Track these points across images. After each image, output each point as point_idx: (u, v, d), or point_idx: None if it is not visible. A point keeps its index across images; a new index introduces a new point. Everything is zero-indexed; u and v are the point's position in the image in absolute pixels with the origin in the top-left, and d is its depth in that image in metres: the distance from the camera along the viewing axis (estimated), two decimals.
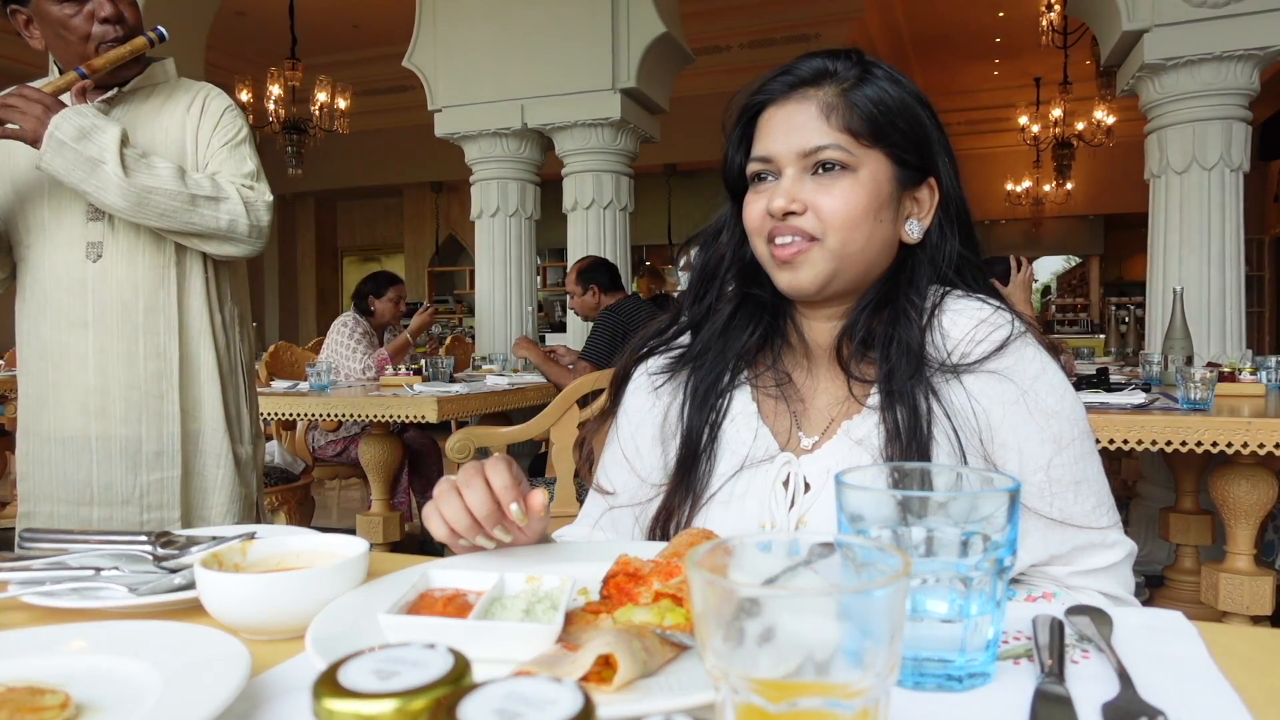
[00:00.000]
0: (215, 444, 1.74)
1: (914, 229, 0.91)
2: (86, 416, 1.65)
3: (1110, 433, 2.13)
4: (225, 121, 1.75)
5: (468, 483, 0.75)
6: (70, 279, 1.63)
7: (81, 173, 1.51)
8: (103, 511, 1.65)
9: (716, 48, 8.00)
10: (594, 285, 3.90)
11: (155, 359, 1.67)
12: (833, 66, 0.89)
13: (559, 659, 0.55)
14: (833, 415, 0.91)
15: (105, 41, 1.61)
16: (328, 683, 0.36)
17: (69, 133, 1.49)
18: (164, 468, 1.68)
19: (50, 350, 1.65)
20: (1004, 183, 11.21)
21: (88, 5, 1.59)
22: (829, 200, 0.87)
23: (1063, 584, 0.86)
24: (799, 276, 0.89)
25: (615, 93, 4.44)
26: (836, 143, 0.87)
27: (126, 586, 0.76)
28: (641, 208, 5.46)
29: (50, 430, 1.66)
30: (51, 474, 1.66)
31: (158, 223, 1.59)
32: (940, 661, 0.56)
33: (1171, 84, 3.41)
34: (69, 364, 1.64)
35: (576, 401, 2.35)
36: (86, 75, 1.57)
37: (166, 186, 1.56)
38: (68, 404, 1.65)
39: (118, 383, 1.65)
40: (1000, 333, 0.86)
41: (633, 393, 1.02)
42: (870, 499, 0.57)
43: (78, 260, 1.63)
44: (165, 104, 1.73)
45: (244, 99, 7.68)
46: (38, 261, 1.65)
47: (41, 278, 1.65)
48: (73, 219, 1.64)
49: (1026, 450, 0.84)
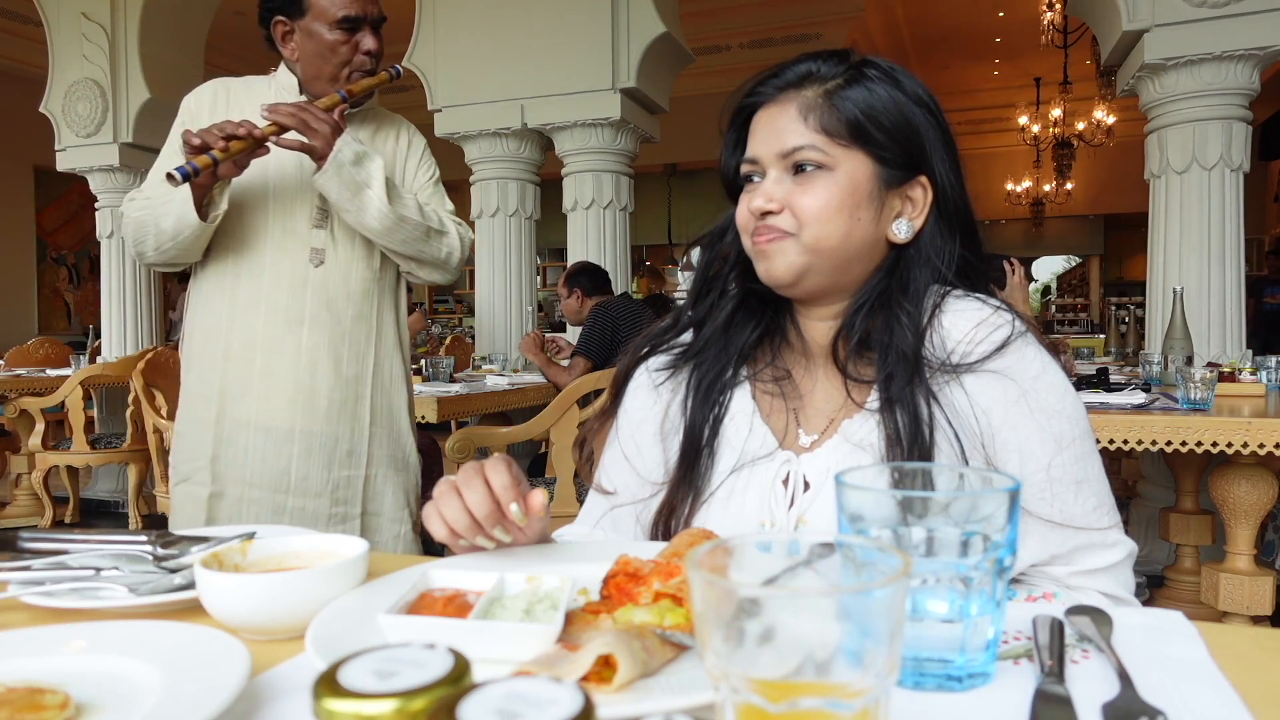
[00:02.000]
0: (394, 448, 1.88)
1: (903, 228, 0.91)
2: (294, 410, 1.75)
3: (1110, 433, 2.13)
4: (426, 159, 1.95)
5: (467, 483, 0.75)
6: (292, 279, 1.75)
7: (349, 194, 1.66)
8: (296, 501, 1.76)
9: (716, 48, 8.00)
10: (578, 289, 3.95)
11: (356, 363, 1.81)
12: (817, 68, 0.90)
13: (559, 659, 0.55)
14: (831, 415, 0.91)
15: (360, 70, 1.76)
16: (328, 683, 0.36)
17: (348, 156, 1.64)
18: (353, 466, 1.81)
19: (261, 342, 1.74)
20: (1004, 183, 11.21)
21: (356, 36, 1.74)
22: (804, 198, 0.88)
23: (1063, 584, 0.86)
24: (773, 265, 0.90)
25: (615, 92, 4.44)
26: (812, 143, 0.88)
27: (126, 586, 0.76)
28: (641, 208, 5.45)
29: (253, 418, 1.75)
30: (249, 460, 1.75)
31: (397, 246, 1.77)
32: (940, 661, 0.56)
33: (1172, 84, 3.41)
34: (281, 358, 1.75)
35: (576, 401, 2.35)
36: (346, 99, 1.71)
37: (413, 217, 1.75)
38: (276, 395, 1.75)
39: (325, 381, 1.77)
40: (1000, 333, 0.86)
41: (633, 391, 1.02)
42: (870, 499, 0.57)
43: (301, 263, 1.76)
44: (377, 132, 1.89)
45: None
46: (257, 259, 1.75)
47: (261, 274, 1.75)
48: (301, 225, 1.76)
49: (1027, 450, 0.84)
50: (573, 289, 3.96)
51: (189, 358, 1.82)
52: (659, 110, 4.83)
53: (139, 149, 5.04)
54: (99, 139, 4.99)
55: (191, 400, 1.80)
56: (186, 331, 1.84)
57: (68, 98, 5.02)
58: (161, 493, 3.04)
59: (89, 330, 6.19)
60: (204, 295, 1.80)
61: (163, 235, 1.67)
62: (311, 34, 1.74)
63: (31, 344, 5.71)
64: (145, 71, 4.92)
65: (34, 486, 4.54)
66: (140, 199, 1.72)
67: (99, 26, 4.94)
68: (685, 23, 4.85)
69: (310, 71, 1.78)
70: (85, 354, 5.35)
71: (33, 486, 4.57)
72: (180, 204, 1.62)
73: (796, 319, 0.97)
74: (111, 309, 5.19)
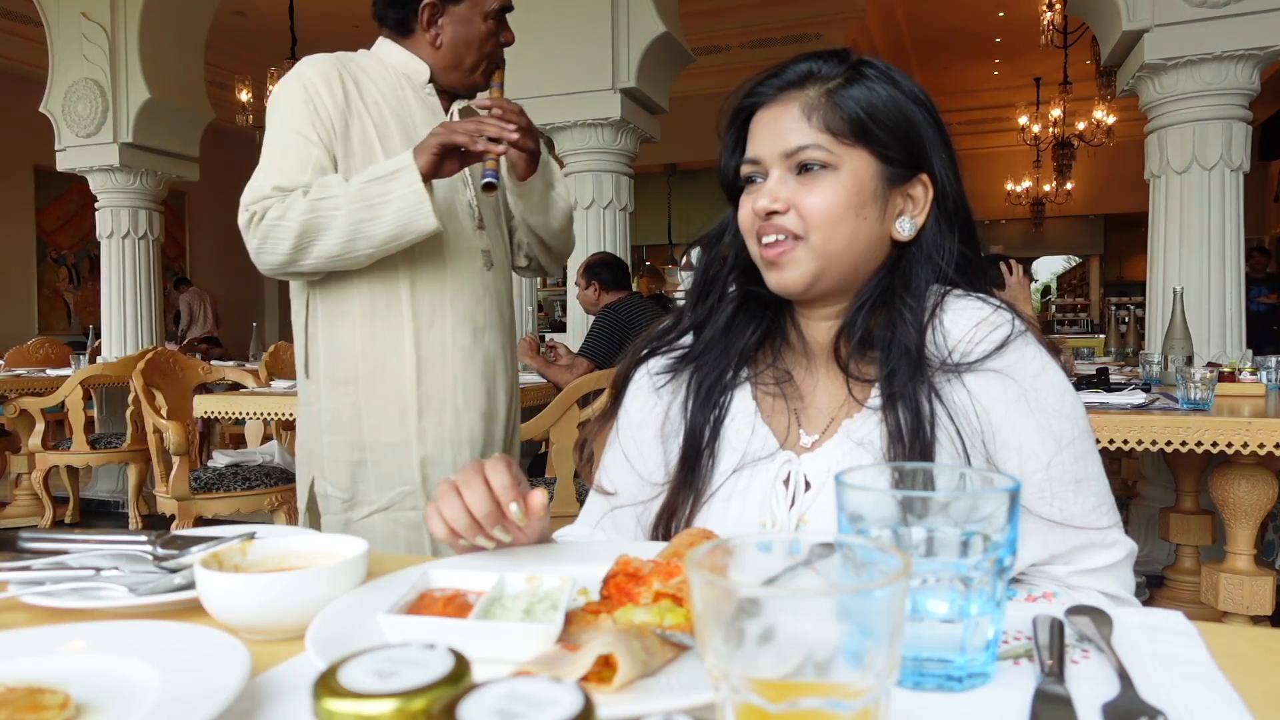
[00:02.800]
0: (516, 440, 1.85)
1: (906, 226, 0.91)
2: (487, 422, 1.70)
3: (1110, 433, 2.13)
4: None
5: (467, 483, 0.75)
6: (472, 285, 1.69)
7: (538, 197, 1.67)
8: None
9: (716, 48, 8.00)
10: (596, 281, 3.91)
11: (512, 364, 1.80)
12: (817, 68, 0.90)
13: (559, 659, 0.55)
14: (833, 414, 0.92)
15: (493, 62, 1.71)
16: (328, 683, 0.36)
17: (541, 160, 1.63)
18: None
19: (451, 353, 1.66)
20: (1004, 183, 11.21)
21: (501, 31, 1.70)
22: (811, 199, 0.88)
23: (1063, 583, 0.86)
24: (785, 276, 0.90)
25: (615, 93, 4.43)
26: (816, 142, 0.88)
27: (126, 586, 0.76)
28: (641, 208, 5.45)
29: (450, 433, 1.66)
30: (444, 474, 1.65)
31: (564, 243, 1.81)
32: (940, 661, 0.56)
33: (1171, 84, 3.41)
34: (472, 367, 1.69)
35: (576, 401, 2.35)
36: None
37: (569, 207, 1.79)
38: (472, 407, 1.68)
39: (503, 390, 1.75)
40: (1000, 331, 0.86)
41: (634, 393, 1.02)
42: (870, 499, 0.57)
43: (477, 267, 1.70)
44: None
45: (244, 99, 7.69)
46: (435, 266, 1.65)
47: (442, 282, 1.66)
48: (465, 227, 1.69)
49: (1027, 449, 0.84)
50: (591, 280, 3.91)
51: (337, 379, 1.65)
52: (659, 110, 4.82)
53: (139, 149, 5.04)
54: (99, 139, 4.99)
55: (375, 422, 1.63)
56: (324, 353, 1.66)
57: (68, 98, 5.02)
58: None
59: (89, 330, 6.20)
60: (359, 309, 1.62)
61: (361, 240, 1.50)
62: (465, 21, 1.65)
63: (31, 344, 5.71)
64: (145, 71, 4.92)
65: (34, 486, 4.55)
66: (309, 200, 1.51)
67: (99, 26, 4.94)
68: (685, 23, 4.85)
69: (449, 60, 1.68)
70: (85, 354, 5.36)
71: (33, 486, 4.58)
72: (409, 208, 1.47)
73: (797, 320, 0.97)
74: (111, 309, 5.19)
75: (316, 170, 1.55)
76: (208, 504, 3.15)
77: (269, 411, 3.03)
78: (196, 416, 3.21)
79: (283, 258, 1.54)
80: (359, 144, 1.61)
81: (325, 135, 1.58)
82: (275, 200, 1.52)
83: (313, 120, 1.57)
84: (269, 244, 1.53)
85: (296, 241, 1.51)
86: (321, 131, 1.57)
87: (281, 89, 1.61)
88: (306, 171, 1.55)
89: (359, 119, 1.62)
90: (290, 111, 1.58)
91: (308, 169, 1.55)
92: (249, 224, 1.54)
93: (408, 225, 1.49)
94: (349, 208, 1.49)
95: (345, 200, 1.49)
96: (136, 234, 5.18)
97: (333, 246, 1.51)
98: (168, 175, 5.27)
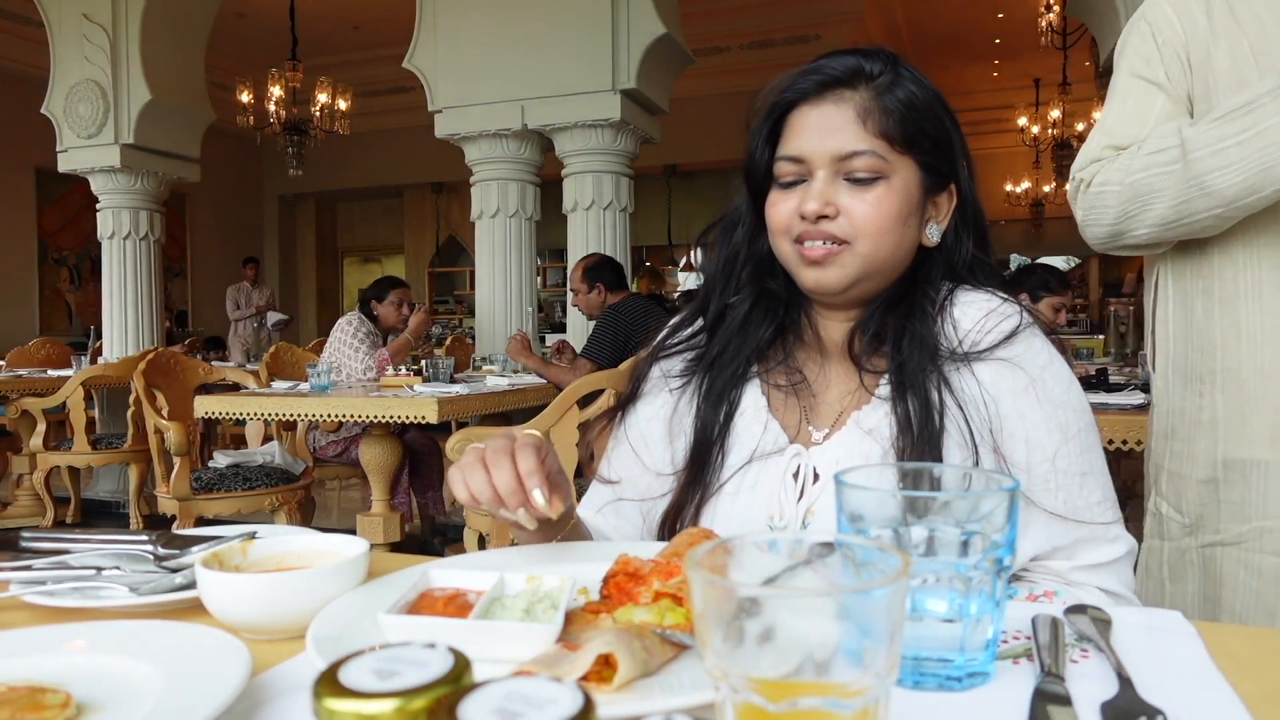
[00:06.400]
0: None
1: (934, 233, 0.92)
2: None
3: (1110, 433, 2.13)
4: None
5: (496, 463, 0.75)
6: None
7: None
8: None
9: (717, 48, 8.01)
10: (600, 283, 3.89)
11: None
12: (869, 67, 0.88)
13: (559, 659, 0.55)
14: (842, 407, 0.92)
15: None
16: (328, 682, 0.36)
17: None
18: None
19: None
20: (1003, 183, 11.21)
21: None
22: (862, 206, 0.86)
23: (1064, 579, 0.86)
24: (827, 275, 0.88)
25: (615, 93, 4.44)
26: (873, 149, 0.86)
27: (127, 586, 0.76)
28: (641, 208, 5.45)
29: None
30: None
31: None
32: (940, 661, 0.56)
33: None
34: None
35: (576, 402, 2.35)
36: None
37: None
38: None
39: None
40: (1009, 322, 0.87)
41: (648, 387, 1.02)
42: (870, 499, 0.57)
43: None
44: None
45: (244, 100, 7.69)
46: None
47: None
48: None
49: (1033, 439, 0.84)
50: (594, 283, 3.89)
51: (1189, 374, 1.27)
52: (659, 111, 4.83)
53: (140, 150, 5.04)
54: (100, 140, 5.00)
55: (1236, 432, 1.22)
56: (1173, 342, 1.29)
57: (69, 99, 5.02)
58: None
59: (90, 331, 6.20)
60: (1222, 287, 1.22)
61: (1199, 198, 1.13)
62: None
63: (33, 345, 5.71)
64: (146, 73, 4.93)
65: (35, 486, 4.55)
66: (1142, 155, 1.20)
67: (100, 28, 4.95)
68: (685, 24, 4.85)
69: None
70: (86, 354, 5.36)
71: (34, 486, 4.58)
72: (1271, 145, 1.06)
73: (812, 317, 0.97)
74: (112, 310, 5.20)
75: (1159, 119, 1.24)
76: (208, 504, 3.15)
77: (270, 412, 3.03)
78: (197, 417, 3.21)
79: (1107, 229, 1.25)
80: (1224, 75, 1.21)
81: (1175, 73, 1.25)
82: (1105, 162, 1.26)
83: (1158, 58, 1.27)
84: (1093, 214, 1.26)
85: (1123, 208, 1.22)
86: (1171, 69, 1.26)
87: (1127, 29, 1.35)
88: (1147, 123, 1.25)
89: (1225, 39, 1.21)
90: (1133, 53, 1.31)
91: (1149, 120, 1.25)
92: (1075, 192, 1.30)
93: (1269, 171, 1.07)
94: (1189, 158, 1.14)
95: (1185, 149, 1.15)
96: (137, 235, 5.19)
97: (1165, 210, 1.18)
98: (168, 176, 5.27)
